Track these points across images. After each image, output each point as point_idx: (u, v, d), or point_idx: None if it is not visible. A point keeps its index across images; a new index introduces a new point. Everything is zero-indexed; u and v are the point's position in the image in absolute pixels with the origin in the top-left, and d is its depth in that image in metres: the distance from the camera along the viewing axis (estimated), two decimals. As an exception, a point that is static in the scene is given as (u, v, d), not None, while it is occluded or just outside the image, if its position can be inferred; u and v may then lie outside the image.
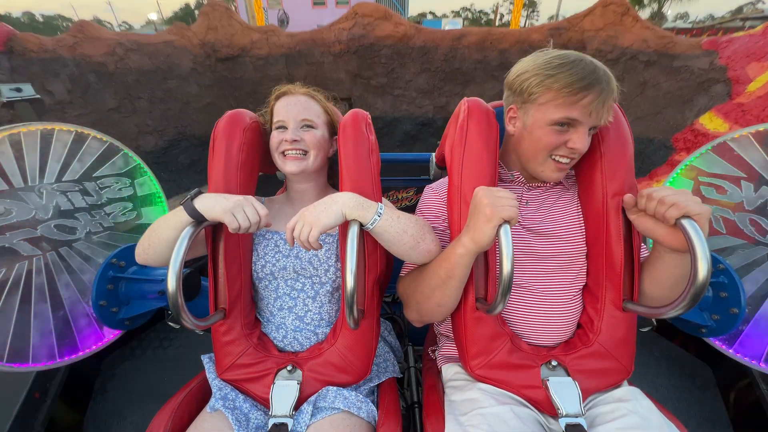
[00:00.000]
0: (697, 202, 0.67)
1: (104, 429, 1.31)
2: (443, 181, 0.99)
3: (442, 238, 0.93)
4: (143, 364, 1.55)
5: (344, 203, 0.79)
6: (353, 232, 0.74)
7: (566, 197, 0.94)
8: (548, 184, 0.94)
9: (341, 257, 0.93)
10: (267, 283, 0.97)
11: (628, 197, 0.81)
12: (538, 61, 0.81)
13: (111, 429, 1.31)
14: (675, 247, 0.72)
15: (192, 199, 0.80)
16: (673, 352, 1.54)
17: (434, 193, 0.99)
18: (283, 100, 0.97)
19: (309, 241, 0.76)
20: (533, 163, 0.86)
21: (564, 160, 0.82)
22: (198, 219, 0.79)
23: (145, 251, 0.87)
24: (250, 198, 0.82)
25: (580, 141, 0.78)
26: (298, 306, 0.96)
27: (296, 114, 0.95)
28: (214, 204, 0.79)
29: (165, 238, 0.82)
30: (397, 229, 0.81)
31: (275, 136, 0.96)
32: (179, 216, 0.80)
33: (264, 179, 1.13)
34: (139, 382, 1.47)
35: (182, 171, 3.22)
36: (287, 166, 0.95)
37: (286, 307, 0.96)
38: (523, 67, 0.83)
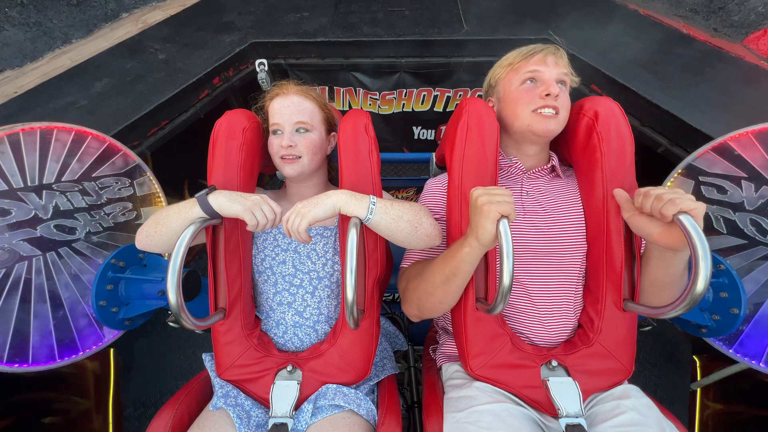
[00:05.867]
0: (692, 199, 0.67)
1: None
2: (446, 174, 1.00)
3: (443, 226, 0.92)
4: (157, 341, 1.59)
5: (337, 198, 0.81)
6: (353, 232, 0.74)
7: (567, 191, 0.94)
8: (549, 176, 0.95)
9: (341, 254, 0.93)
10: (266, 277, 0.98)
11: (618, 191, 0.80)
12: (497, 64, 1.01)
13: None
14: (669, 246, 0.71)
15: (206, 195, 0.82)
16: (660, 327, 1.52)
17: (438, 183, 1.00)
18: (277, 102, 0.97)
19: (298, 232, 0.78)
20: (519, 123, 0.89)
21: (547, 111, 0.86)
22: (211, 215, 0.81)
23: (149, 237, 0.87)
24: (265, 197, 0.84)
25: (553, 86, 0.86)
26: (297, 301, 0.96)
27: (290, 117, 0.95)
28: (231, 201, 0.81)
29: (174, 228, 0.83)
30: (393, 215, 0.82)
31: (273, 141, 0.97)
32: (192, 208, 0.81)
33: (263, 179, 1.13)
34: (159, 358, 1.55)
35: (45, 4, 1.84)
36: (285, 169, 0.97)
37: (285, 302, 0.96)
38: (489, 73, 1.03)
